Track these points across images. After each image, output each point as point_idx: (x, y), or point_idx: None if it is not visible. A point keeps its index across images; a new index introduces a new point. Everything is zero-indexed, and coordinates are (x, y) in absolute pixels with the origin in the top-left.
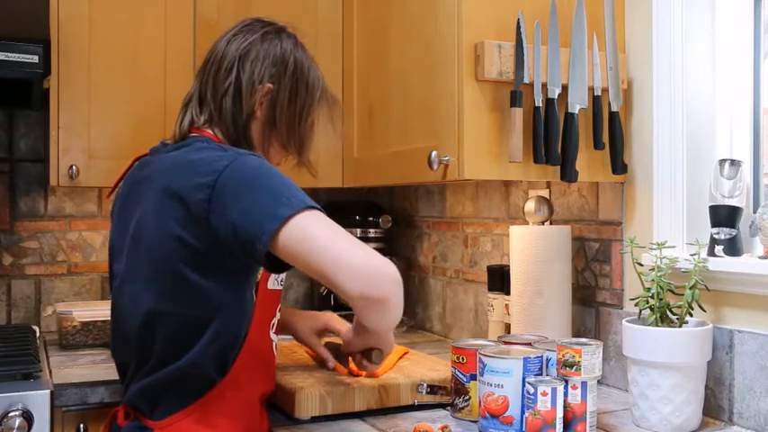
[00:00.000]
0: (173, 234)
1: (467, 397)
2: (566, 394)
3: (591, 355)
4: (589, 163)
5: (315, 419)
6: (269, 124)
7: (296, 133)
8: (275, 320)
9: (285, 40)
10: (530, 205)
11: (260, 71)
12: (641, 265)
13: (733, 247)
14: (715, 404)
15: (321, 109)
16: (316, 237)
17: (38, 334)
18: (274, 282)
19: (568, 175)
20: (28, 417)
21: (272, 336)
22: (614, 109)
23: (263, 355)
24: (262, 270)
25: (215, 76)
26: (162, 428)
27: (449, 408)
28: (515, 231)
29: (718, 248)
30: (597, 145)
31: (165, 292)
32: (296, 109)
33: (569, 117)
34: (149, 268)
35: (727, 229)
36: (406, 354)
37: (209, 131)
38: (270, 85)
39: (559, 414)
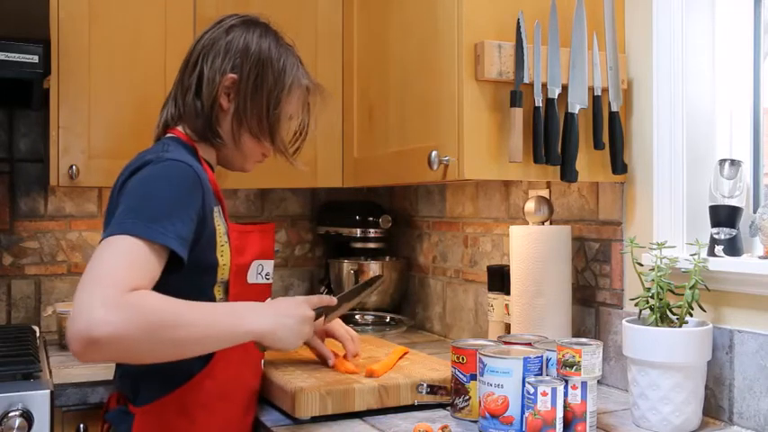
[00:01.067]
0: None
1: (467, 397)
2: (566, 394)
3: (591, 355)
4: (589, 163)
5: (315, 419)
6: (237, 115)
7: (265, 122)
8: None
9: (252, 30)
10: (530, 205)
11: (221, 63)
12: (641, 265)
13: (733, 247)
14: (715, 404)
15: (295, 96)
16: (92, 262)
17: (38, 334)
18: (257, 276)
19: (568, 175)
20: (28, 417)
21: None
22: (614, 109)
23: (245, 350)
24: (227, 266)
25: (182, 74)
26: (142, 414)
27: (449, 408)
28: (515, 231)
29: (718, 248)
30: (597, 145)
31: None
32: (263, 97)
33: (569, 117)
34: None
35: (727, 229)
36: (406, 354)
37: (180, 129)
38: (233, 75)
39: (559, 414)
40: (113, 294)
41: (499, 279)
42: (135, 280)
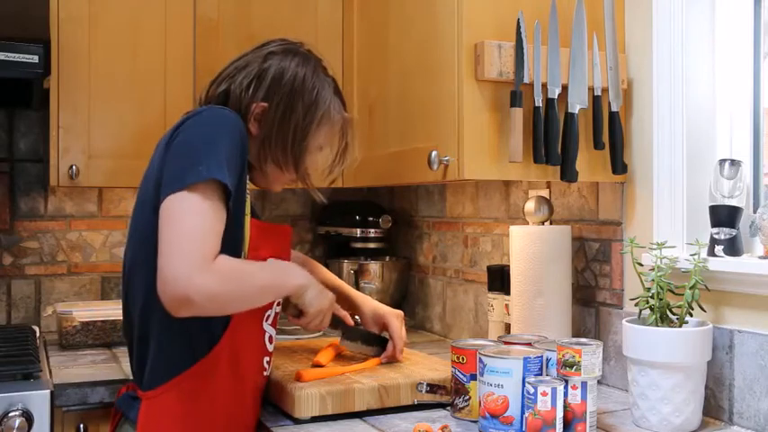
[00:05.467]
0: (155, 178)
1: (467, 397)
2: (566, 394)
3: (591, 355)
4: (589, 163)
5: (315, 419)
6: (263, 143)
7: (289, 153)
8: (271, 312)
9: (290, 58)
10: (530, 205)
11: (254, 90)
12: (641, 265)
13: (733, 247)
14: (715, 404)
15: (325, 128)
16: (170, 220)
17: (38, 334)
18: None
19: (568, 175)
20: (28, 417)
21: (267, 327)
22: (614, 109)
23: (252, 344)
24: (247, 238)
25: (210, 85)
26: (148, 399)
27: (449, 408)
28: (515, 231)
29: (718, 248)
30: (597, 145)
31: (143, 241)
32: (289, 128)
33: (569, 117)
34: (134, 224)
35: (727, 229)
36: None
37: None
38: (263, 104)
39: (559, 414)
40: (204, 261)
41: (499, 279)
42: (214, 245)
